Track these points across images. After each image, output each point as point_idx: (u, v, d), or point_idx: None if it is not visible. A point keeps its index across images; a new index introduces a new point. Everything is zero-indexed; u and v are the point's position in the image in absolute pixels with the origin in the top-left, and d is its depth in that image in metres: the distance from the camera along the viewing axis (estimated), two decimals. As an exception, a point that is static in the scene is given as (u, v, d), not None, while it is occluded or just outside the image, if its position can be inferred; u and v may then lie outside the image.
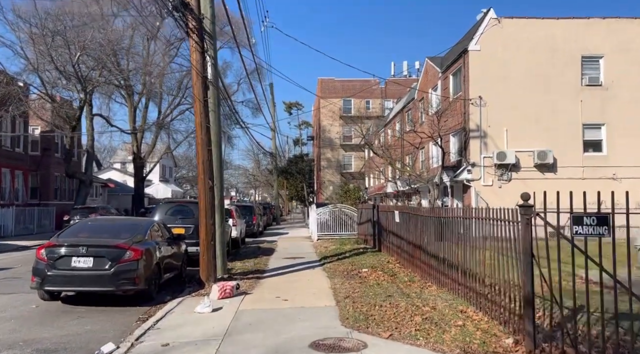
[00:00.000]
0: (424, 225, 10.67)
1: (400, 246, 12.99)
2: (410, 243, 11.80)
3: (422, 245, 10.60)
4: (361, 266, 12.76)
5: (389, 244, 14.62)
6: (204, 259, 10.33)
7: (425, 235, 10.42)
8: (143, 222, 10.15)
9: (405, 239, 12.39)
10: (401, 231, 12.85)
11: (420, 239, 10.79)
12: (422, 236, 10.71)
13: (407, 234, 12.19)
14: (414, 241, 11.32)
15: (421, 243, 10.71)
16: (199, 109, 10.27)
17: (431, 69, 28.00)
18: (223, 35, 43.05)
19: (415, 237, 11.27)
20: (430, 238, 10.10)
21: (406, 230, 12.31)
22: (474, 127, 22.09)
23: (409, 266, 11.79)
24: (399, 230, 13.08)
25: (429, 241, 10.06)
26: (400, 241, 12.95)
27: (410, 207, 12.87)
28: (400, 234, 12.91)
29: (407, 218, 12.15)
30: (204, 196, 10.34)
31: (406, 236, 12.24)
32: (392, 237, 14.13)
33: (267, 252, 17.22)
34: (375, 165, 27.06)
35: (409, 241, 11.89)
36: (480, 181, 21.93)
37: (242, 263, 14.07)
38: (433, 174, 25.46)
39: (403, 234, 12.64)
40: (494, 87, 22.01)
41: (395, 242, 13.57)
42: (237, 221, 20.08)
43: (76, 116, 26.68)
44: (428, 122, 23.97)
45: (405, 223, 12.42)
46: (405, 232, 12.42)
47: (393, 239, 13.95)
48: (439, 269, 9.44)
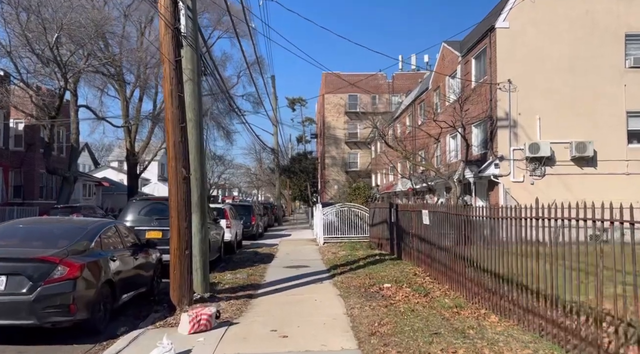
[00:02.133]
0: (471, 229, 8.02)
1: (430, 255, 10.32)
2: (446, 251, 9.14)
3: (468, 255, 7.95)
4: (381, 279, 10.10)
5: (412, 250, 11.96)
6: (176, 275, 7.70)
7: (474, 242, 7.77)
8: (92, 224, 7.53)
9: (438, 246, 9.72)
10: (432, 235, 10.19)
11: (465, 247, 8.13)
12: (467, 243, 8.06)
13: (441, 239, 9.53)
14: (454, 250, 8.65)
15: (466, 253, 8.06)
16: (168, 73, 7.63)
17: (449, 54, 25.31)
18: (222, 24, 40.78)
19: (456, 244, 8.62)
20: (482, 247, 7.45)
21: (440, 234, 9.65)
22: (503, 116, 19.39)
23: (445, 281, 9.13)
24: (429, 234, 10.42)
25: (483, 252, 7.40)
26: (431, 247, 10.29)
27: (446, 206, 10.20)
28: (431, 240, 10.25)
29: (442, 219, 9.50)
30: (176, 190, 7.71)
31: (440, 242, 9.58)
32: (417, 242, 11.47)
33: (266, 259, 14.59)
34: (387, 161, 24.43)
35: (445, 248, 9.23)
36: (509, 177, 19.22)
37: (233, 274, 11.44)
38: (451, 170, 22.78)
39: (435, 239, 9.98)
40: (524, 70, 19.30)
41: (423, 249, 10.90)
42: (231, 222, 17.46)
43: (56, 105, 24.05)
44: (449, 111, 21.28)
45: (438, 226, 9.77)
46: (438, 237, 9.76)
47: (419, 245, 11.28)
48: (500, 291, 6.79)
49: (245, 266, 13.03)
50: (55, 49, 22.18)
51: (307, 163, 60.27)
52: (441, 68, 26.60)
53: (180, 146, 7.69)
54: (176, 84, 7.65)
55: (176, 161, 7.67)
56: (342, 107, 57.19)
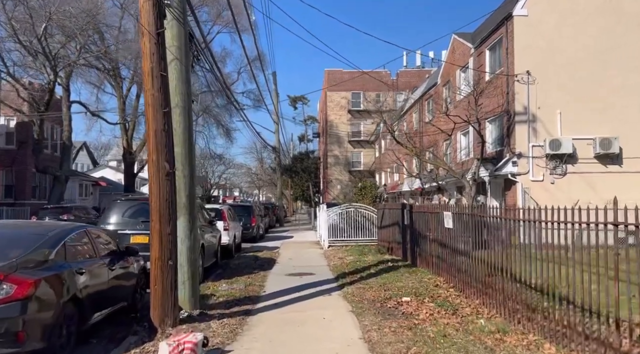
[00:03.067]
0: (510, 235, 6.73)
1: (454, 263, 9.02)
2: (476, 260, 7.84)
3: (507, 266, 6.65)
4: (399, 291, 8.81)
5: (430, 257, 10.66)
6: (157, 291, 6.41)
7: (515, 250, 6.48)
8: (55, 230, 6.25)
9: (465, 254, 8.43)
10: (457, 241, 8.90)
11: (502, 255, 6.84)
12: (505, 251, 6.77)
13: (469, 246, 8.23)
14: (488, 258, 7.36)
15: (504, 262, 6.77)
16: (148, 48, 6.36)
17: (460, 46, 24.00)
18: (222, 19, 39.49)
19: (489, 252, 7.33)
20: (526, 257, 6.17)
21: (467, 240, 8.37)
22: (521, 110, 18.07)
23: (474, 295, 7.84)
24: (452, 240, 9.13)
25: (527, 263, 6.10)
26: (455, 255, 8.99)
27: (474, 207, 8.92)
28: (456, 246, 8.95)
29: (470, 223, 8.21)
30: (158, 188, 6.44)
31: (468, 249, 8.29)
32: (437, 248, 10.17)
33: (266, 265, 13.31)
34: (394, 159, 23.12)
35: (474, 256, 7.93)
36: (527, 176, 17.90)
37: (229, 284, 10.16)
38: (462, 168, 21.47)
39: (461, 245, 8.68)
40: (544, 61, 17.98)
41: (445, 256, 9.61)
42: (229, 224, 16.20)
43: (45, 100, 22.80)
44: (462, 105, 19.97)
45: (464, 230, 8.48)
46: (465, 243, 8.47)
47: (440, 252, 9.98)
48: (552, 311, 5.49)
49: (243, 274, 11.76)
50: (44, 40, 20.94)
51: (309, 162, 58.96)
52: (451, 61, 25.27)
53: (162, 135, 6.41)
54: (158, 61, 6.37)
55: (158, 154, 6.40)
56: (345, 105, 55.85)
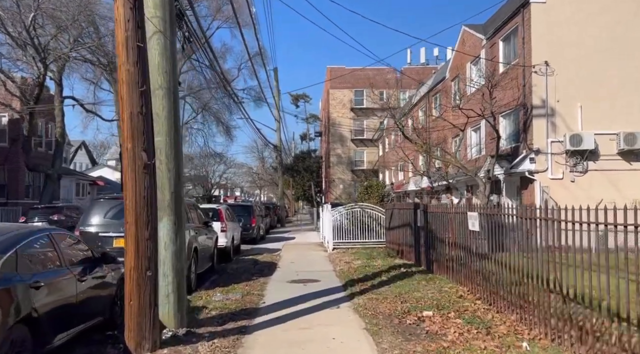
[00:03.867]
0: (558, 239, 5.61)
1: (480, 271, 7.89)
2: (510, 269, 6.71)
3: (549, 275, 5.53)
4: (417, 303, 7.69)
5: (450, 263, 9.53)
6: (132, 308, 5.29)
7: (559, 257, 5.36)
8: (7, 234, 5.11)
9: (495, 261, 7.30)
10: (484, 245, 7.76)
11: (543, 262, 5.72)
12: (552, 259, 5.64)
13: (500, 252, 7.11)
14: (525, 266, 6.23)
15: (546, 271, 5.64)
16: (122, 14, 5.23)
17: (470, 37, 22.85)
18: (222, 14, 38.34)
19: (529, 258, 6.20)
20: (577, 267, 5.04)
21: (498, 245, 7.25)
22: (539, 103, 16.92)
23: (507, 309, 6.71)
24: (478, 244, 8.00)
25: (580, 276, 4.97)
26: (481, 261, 7.86)
27: (508, 207, 7.79)
28: (482, 251, 7.82)
29: (501, 226, 7.09)
30: (133, 184, 5.31)
31: (499, 255, 7.16)
32: (458, 253, 9.04)
33: (266, 270, 12.20)
34: (402, 156, 21.98)
35: (508, 265, 6.80)
36: (546, 173, 16.76)
37: (224, 293, 9.04)
38: (473, 166, 20.32)
39: (489, 251, 7.55)
40: (563, 51, 16.83)
41: (469, 262, 8.47)
42: (227, 225, 15.10)
43: (34, 94, 21.71)
44: (474, 99, 18.83)
45: (493, 234, 7.35)
46: (495, 248, 7.34)
47: (462, 257, 8.85)
48: (615, 335, 4.37)
49: (240, 280, 10.65)
50: (32, 31, 19.85)
51: (311, 162, 57.76)
52: (460, 54, 24.13)
53: (139, 119, 5.29)
54: (134, 29, 5.25)
55: (133, 141, 5.27)
56: (348, 103, 54.73)
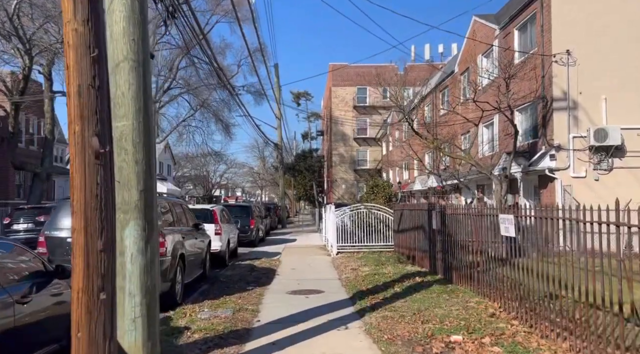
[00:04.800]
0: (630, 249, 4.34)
1: (517, 285, 6.62)
2: (561, 285, 5.45)
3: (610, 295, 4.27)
4: (442, 324, 6.42)
5: (475, 273, 8.25)
6: (81, 341, 3.98)
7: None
8: None
9: (538, 274, 6.04)
10: (521, 254, 6.50)
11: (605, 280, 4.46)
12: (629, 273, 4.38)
13: (546, 263, 5.85)
14: (582, 284, 4.97)
15: (607, 291, 4.38)
16: (68, -45, 3.99)
17: (482, 28, 21.58)
18: (221, 8, 37.13)
19: (586, 271, 4.95)
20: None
21: (543, 255, 5.99)
22: (560, 95, 15.66)
23: (557, 333, 5.45)
24: (513, 252, 6.74)
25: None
26: (519, 274, 6.60)
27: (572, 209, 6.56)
28: (518, 262, 6.56)
29: (549, 230, 5.83)
30: (82, 178, 4.03)
31: (545, 267, 5.90)
32: (485, 262, 7.78)
33: (264, 278, 10.94)
34: (413, 152, 20.74)
35: (556, 278, 5.54)
36: (567, 171, 15.50)
37: (213, 308, 7.79)
38: (485, 164, 19.04)
39: (529, 262, 6.30)
40: (586, 38, 15.58)
41: (500, 273, 7.21)
42: (221, 228, 13.86)
43: (20, 87, 20.50)
44: (489, 93, 17.56)
45: (538, 240, 6.09)
46: (540, 258, 6.08)
47: (491, 267, 7.59)
48: None
49: (234, 291, 9.40)
50: (16, 20, 18.63)
51: (312, 161, 56.46)
52: (471, 47, 22.87)
53: (91, 95, 4.03)
54: (83, -23, 3.99)
55: (82, 124, 4.01)
56: (351, 101, 53.46)
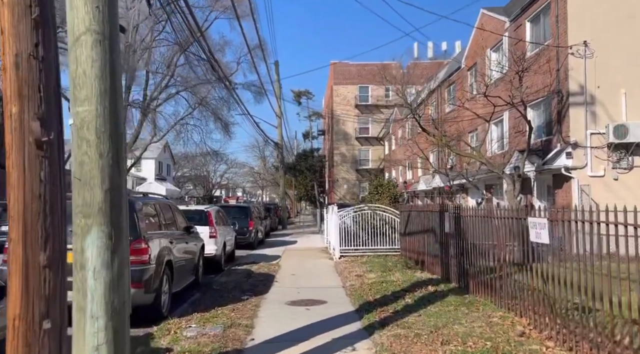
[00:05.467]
0: None
1: (548, 298, 5.73)
2: (611, 301, 4.57)
3: None
4: (464, 345, 5.53)
5: (496, 282, 7.37)
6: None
7: None
8: None
9: (578, 286, 5.16)
10: (558, 261, 5.62)
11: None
12: None
13: (586, 273, 4.97)
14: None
15: None
16: None
17: (490, 21, 20.68)
18: (220, 3, 36.32)
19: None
20: None
21: (584, 264, 5.10)
22: (576, 90, 14.77)
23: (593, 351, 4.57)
24: (546, 260, 5.86)
25: None
26: (547, 285, 5.71)
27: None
28: (554, 271, 5.67)
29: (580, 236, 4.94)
30: (20, 174, 3.17)
31: (585, 278, 5.02)
32: (510, 271, 6.89)
33: (261, 286, 10.06)
34: (419, 150, 19.84)
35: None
36: (585, 170, 14.61)
37: (201, 323, 6.91)
38: (495, 163, 18.14)
39: (564, 272, 5.41)
40: (605, 29, 14.69)
41: (529, 284, 6.32)
42: (216, 231, 12.99)
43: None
44: (501, 87, 16.66)
45: (573, 246, 5.21)
46: (579, 268, 5.20)
47: (515, 276, 6.70)
48: None
49: (227, 301, 8.52)
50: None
51: (313, 161, 55.59)
52: (479, 41, 22.01)
53: (33, 67, 3.16)
54: None
55: (21, 104, 3.14)
56: (352, 100, 52.58)
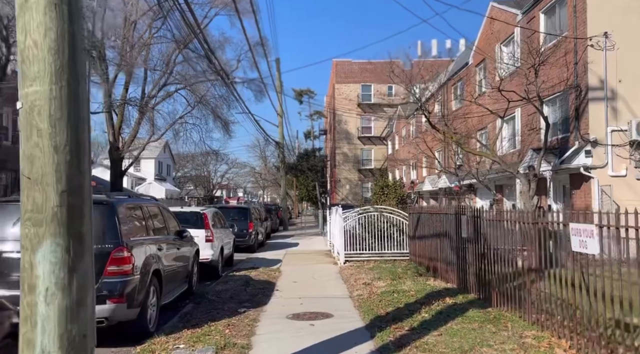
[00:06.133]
0: None
1: (596, 318, 4.87)
2: None
3: None
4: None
5: (527, 295, 6.50)
6: None
7: None
8: None
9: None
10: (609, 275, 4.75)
11: None
12: None
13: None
14: None
15: None
16: None
17: (500, 14, 19.79)
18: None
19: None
20: None
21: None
22: (596, 84, 13.89)
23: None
24: (589, 273, 4.99)
25: None
26: (598, 303, 4.85)
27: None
28: (600, 287, 4.81)
29: None
30: None
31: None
32: (545, 285, 6.03)
33: (260, 295, 9.20)
34: (427, 148, 18.99)
35: None
36: (605, 170, 13.73)
37: (190, 343, 6.04)
38: (506, 162, 17.26)
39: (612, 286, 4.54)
40: (627, 19, 13.82)
41: (570, 299, 5.46)
42: (213, 234, 12.13)
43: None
44: (514, 83, 15.79)
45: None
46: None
47: (552, 290, 5.84)
48: None
49: (222, 314, 7.67)
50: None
51: (315, 161, 54.69)
52: (488, 35, 21.14)
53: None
54: None
55: None
56: (355, 99, 51.71)
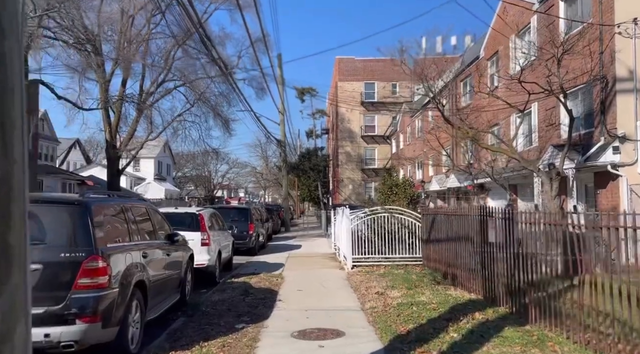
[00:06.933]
0: None
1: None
2: None
3: None
4: None
5: (579, 313, 5.47)
6: None
7: None
8: None
9: None
10: None
11: None
12: None
13: None
14: None
15: None
16: None
17: (516, 3, 18.75)
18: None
19: None
20: None
21: None
22: (624, 75, 12.85)
23: None
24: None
25: None
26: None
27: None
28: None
29: None
30: None
31: None
32: (608, 304, 5.00)
33: (260, 307, 8.17)
34: (439, 145, 17.98)
35: None
36: (635, 167, 12.68)
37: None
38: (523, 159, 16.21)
39: None
40: (656, 5, 12.78)
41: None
42: (209, 237, 11.10)
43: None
44: (529, 76, 14.75)
45: None
46: None
47: (614, 309, 4.81)
48: None
49: (217, 331, 6.65)
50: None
51: (317, 160, 53.70)
52: (501, 27, 20.09)
53: None
54: None
55: None
56: (358, 97, 50.67)
